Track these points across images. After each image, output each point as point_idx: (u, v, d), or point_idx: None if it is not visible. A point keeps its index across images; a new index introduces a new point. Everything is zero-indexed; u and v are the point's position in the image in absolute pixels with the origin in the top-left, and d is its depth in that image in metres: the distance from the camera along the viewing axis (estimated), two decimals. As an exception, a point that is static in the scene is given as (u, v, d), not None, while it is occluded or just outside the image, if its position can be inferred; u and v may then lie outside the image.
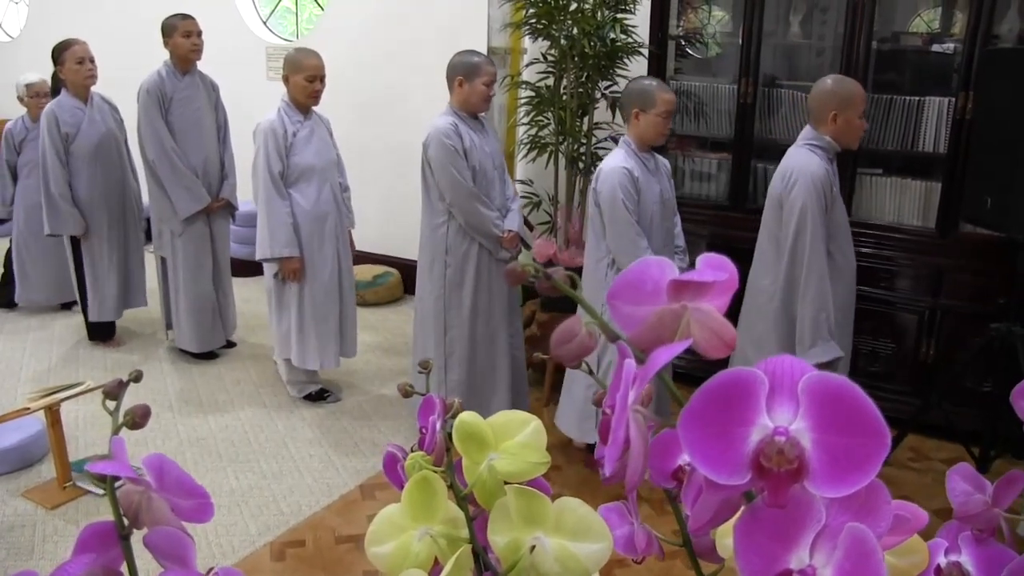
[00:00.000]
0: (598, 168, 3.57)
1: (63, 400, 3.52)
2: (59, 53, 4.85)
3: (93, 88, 4.97)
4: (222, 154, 4.89)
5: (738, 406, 0.49)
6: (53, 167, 4.83)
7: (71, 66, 4.82)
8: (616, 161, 3.50)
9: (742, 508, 0.54)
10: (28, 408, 3.44)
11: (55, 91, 5.00)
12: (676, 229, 3.74)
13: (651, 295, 0.53)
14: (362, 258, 5.70)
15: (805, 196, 3.04)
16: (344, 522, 3.42)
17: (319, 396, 4.46)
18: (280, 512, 3.45)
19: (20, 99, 5.51)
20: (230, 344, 5.13)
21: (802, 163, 3.10)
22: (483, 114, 3.90)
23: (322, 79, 4.17)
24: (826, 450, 0.48)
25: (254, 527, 3.34)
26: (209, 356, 4.95)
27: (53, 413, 3.48)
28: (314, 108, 4.26)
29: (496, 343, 3.89)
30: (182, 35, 4.61)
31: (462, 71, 3.73)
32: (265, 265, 4.31)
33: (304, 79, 4.11)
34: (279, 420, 4.24)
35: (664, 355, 0.49)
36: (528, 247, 4.18)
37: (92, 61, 4.88)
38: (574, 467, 3.84)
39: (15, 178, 5.55)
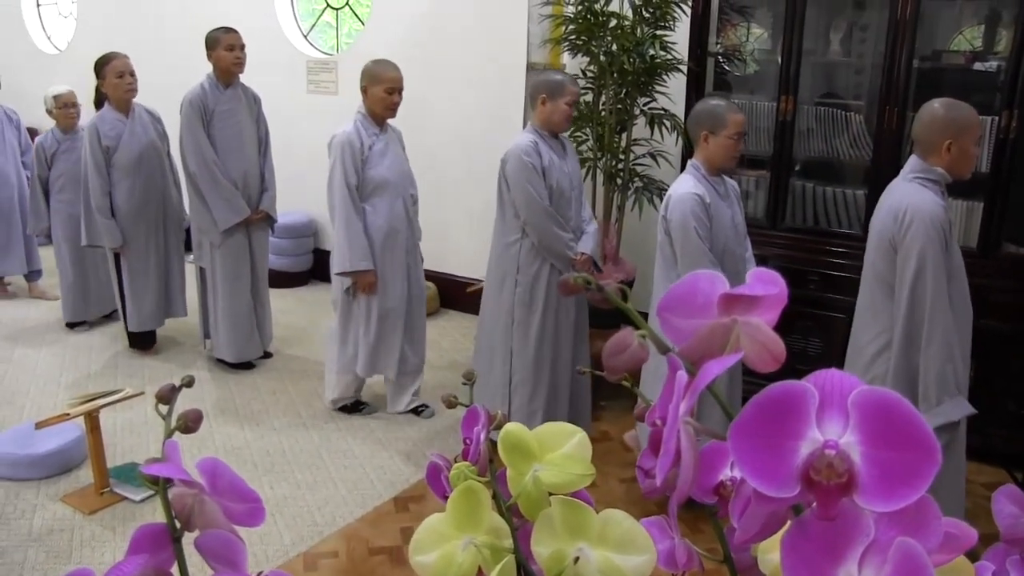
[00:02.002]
0: (667, 194, 3.42)
1: (102, 406, 3.57)
2: (100, 67, 4.94)
3: (137, 99, 5.04)
4: (263, 167, 4.93)
5: (788, 419, 0.49)
6: (93, 180, 4.91)
7: (111, 80, 4.90)
8: (686, 187, 3.32)
9: (789, 522, 0.54)
10: (68, 414, 3.49)
11: (98, 104, 5.07)
12: (747, 254, 3.57)
13: (701, 308, 0.53)
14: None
15: (924, 239, 2.77)
16: (377, 534, 3.44)
17: (354, 408, 4.47)
18: (314, 522, 3.47)
19: (49, 111, 5.55)
20: (267, 355, 5.17)
21: (916, 201, 2.81)
22: (564, 134, 3.86)
23: (400, 91, 4.13)
24: (876, 464, 0.48)
25: (288, 537, 3.36)
26: (246, 366, 4.99)
27: (92, 419, 3.53)
28: (388, 121, 4.24)
29: (559, 366, 3.82)
30: (225, 48, 4.66)
31: (546, 89, 3.69)
32: (334, 278, 4.27)
33: (383, 91, 4.07)
34: (314, 431, 4.26)
35: (715, 368, 0.49)
36: (600, 270, 4.08)
37: (132, 75, 4.96)
38: (608, 482, 3.82)
39: (46, 192, 5.59)
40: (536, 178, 3.64)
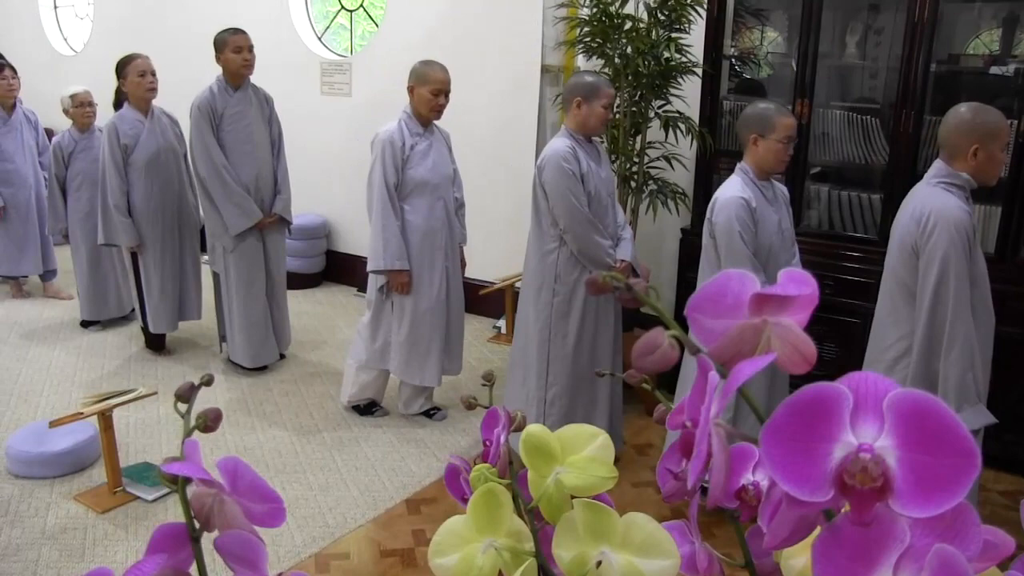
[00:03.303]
0: (714, 197, 3.37)
1: (116, 406, 3.58)
2: (122, 67, 4.95)
3: (156, 102, 5.06)
4: (275, 168, 4.90)
5: (822, 422, 0.48)
6: (111, 178, 4.92)
7: (133, 79, 4.91)
8: (733, 190, 3.28)
9: (820, 527, 0.53)
10: (82, 413, 3.50)
11: (118, 105, 5.09)
12: (794, 260, 3.50)
13: (731, 309, 0.52)
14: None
15: (947, 244, 2.73)
16: (389, 536, 3.43)
17: (367, 410, 4.46)
18: (326, 524, 3.47)
19: (65, 111, 5.56)
20: (281, 356, 5.16)
21: (939, 205, 2.78)
22: (598, 139, 3.81)
23: (447, 94, 4.08)
24: (912, 469, 0.47)
25: (299, 538, 3.36)
26: (260, 368, 4.99)
27: (106, 418, 3.54)
28: (435, 122, 4.20)
29: (596, 378, 3.74)
30: (232, 51, 4.62)
31: (581, 92, 3.61)
32: (370, 277, 4.25)
33: (429, 92, 4.01)
34: (326, 432, 4.26)
35: (747, 369, 0.48)
36: (638, 277, 4.02)
37: (153, 75, 4.97)
38: (620, 486, 3.80)
39: (64, 192, 5.61)
40: (576, 185, 3.57)
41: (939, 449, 0.47)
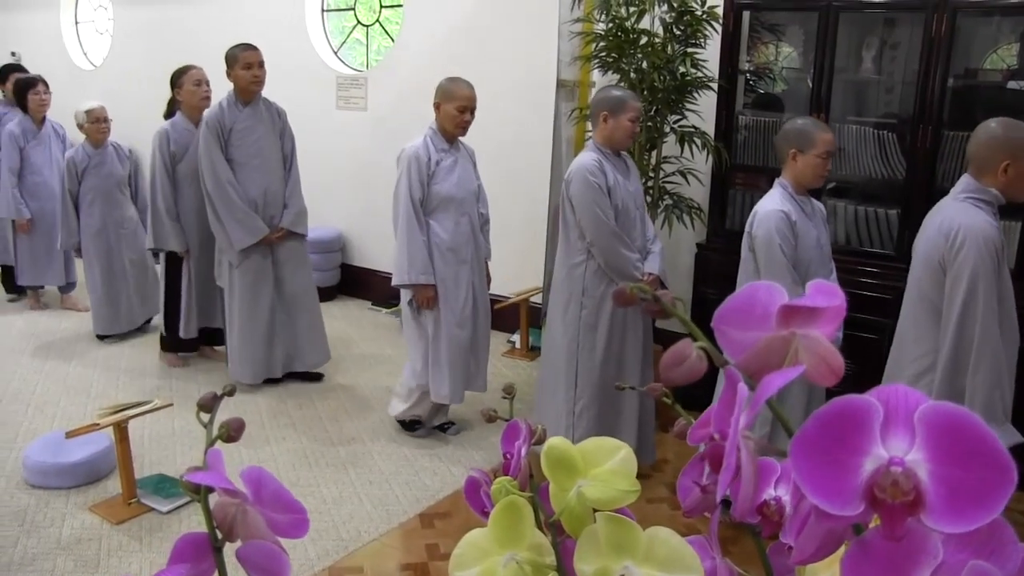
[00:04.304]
0: (753, 210, 3.38)
1: (131, 417, 3.59)
2: (178, 76, 4.99)
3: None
4: (287, 183, 4.87)
5: (852, 435, 0.48)
6: (162, 183, 4.94)
7: (189, 88, 4.94)
8: (773, 204, 3.28)
9: (848, 542, 0.52)
10: (98, 424, 3.51)
11: (170, 115, 5.11)
12: (831, 276, 3.45)
13: (759, 320, 0.52)
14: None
15: (976, 259, 2.70)
16: (403, 550, 3.42)
17: (410, 427, 4.39)
18: (339, 538, 3.46)
19: (80, 126, 5.53)
20: (317, 377, 5.07)
21: (968, 220, 2.75)
22: (625, 153, 3.80)
23: (472, 111, 4.08)
24: (944, 483, 0.46)
25: (313, 551, 3.35)
26: (274, 381, 4.97)
27: (121, 430, 3.55)
28: (460, 138, 4.19)
29: (626, 391, 3.72)
30: (243, 67, 4.62)
31: (607, 106, 3.61)
32: (402, 292, 4.23)
33: (455, 108, 4.02)
34: (340, 446, 4.26)
35: (777, 381, 0.48)
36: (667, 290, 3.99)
37: (208, 84, 5.01)
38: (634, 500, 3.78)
39: (76, 207, 5.61)
40: (602, 198, 3.56)
41: (972, 463, 0.46)
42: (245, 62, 4.63)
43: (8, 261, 6.49)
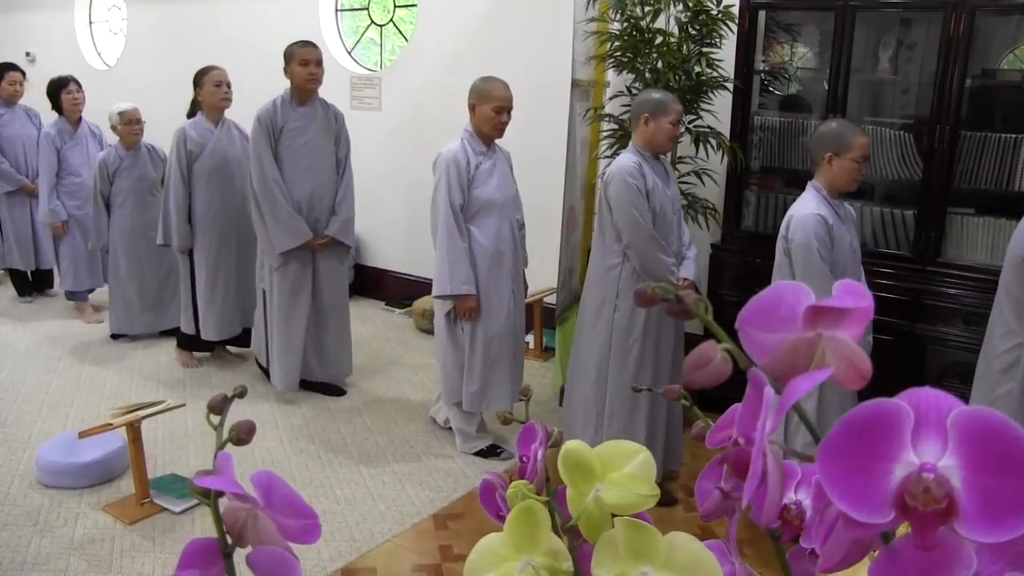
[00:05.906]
0: (788, 214, 3.35)
1: (144, 417, 3.59)
2: (199, 77, 4.98)
3: (228, 115, 5.09)
4: (338, 188, 4.74)
5: (881, 440, 0.46)
6: (175, 181, 4.95)
7: (209, 88, 4.93)
8: (809, 207, 3.26)
9: (876, 551, 0.51)
10: (111, 424, 3.52)
11: (192, 115, 5.12)
12: (861, 280, 3.41)
13: (785, 322, 0.50)
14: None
15: None
16: (416, 551, 3.41)
17: (491, 452, 4.20)
18: (352, 538, 3.46)
19: (113, 128, 5.55)
20: (341, 391, 4.94)
21: None
22: (663, 156, 3.74)
23: (509, 111, 3.96)
24: (978, 491, 0.45)
25: (326, 552, 3.34)
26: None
27: (134, 430, 3.55)
28: (496, 140, 4.08)
29: (657, 396, 3.60)
30: (299, 63, 4.50)
31: (649, 108, 3.56)
32: (436, 303, 4.11)
33: (492, 109, 3.90)
34: (353, 447, 4.25)
35: (804, 385, 0.46)
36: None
37: (228, 86, 4.99)
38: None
39: (108, 208, 5.63)
40: (641, 201, 3.51)
41: (1007, 471, 0.44)
42: (302, 59, 4.51)
43: (28, 266, 6.56)
